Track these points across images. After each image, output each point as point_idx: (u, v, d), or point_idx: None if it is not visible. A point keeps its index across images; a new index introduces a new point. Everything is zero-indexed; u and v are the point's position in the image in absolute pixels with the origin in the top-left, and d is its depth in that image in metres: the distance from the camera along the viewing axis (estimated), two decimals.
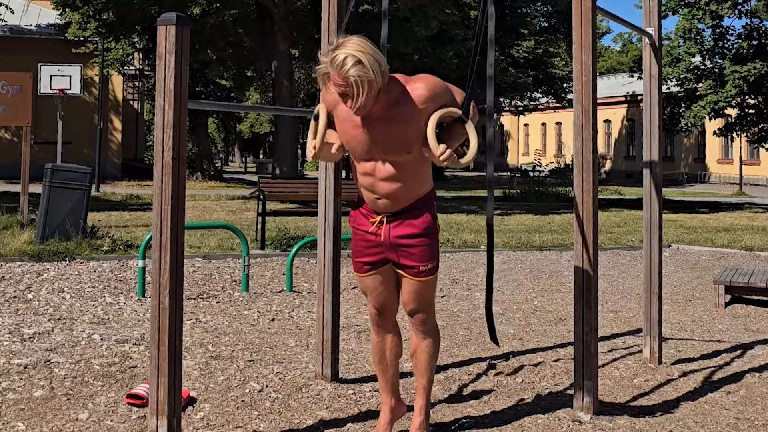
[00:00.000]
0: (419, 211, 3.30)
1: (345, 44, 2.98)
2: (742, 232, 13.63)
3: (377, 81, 2.98)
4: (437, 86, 3.19)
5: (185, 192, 3.29)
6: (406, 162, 3.20)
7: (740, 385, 4.52)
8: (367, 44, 3.00)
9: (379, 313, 3.46)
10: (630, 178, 38.25)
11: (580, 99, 3.94)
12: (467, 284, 7.77)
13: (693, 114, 25.04)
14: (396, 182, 3.22)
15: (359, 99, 2.97)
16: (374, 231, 3.31)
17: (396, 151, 3.17)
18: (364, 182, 3.28)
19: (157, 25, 3.20)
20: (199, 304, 6.43)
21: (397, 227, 3.29)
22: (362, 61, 2.94)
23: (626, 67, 51.82)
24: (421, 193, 3.31)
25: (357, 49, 2.96)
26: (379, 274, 3.39)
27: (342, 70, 2.94)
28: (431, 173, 3.38)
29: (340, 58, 2.95)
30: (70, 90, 14.73)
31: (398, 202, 3.26)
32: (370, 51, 2.98)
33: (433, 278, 3.38)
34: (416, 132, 3.15)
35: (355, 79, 2.94)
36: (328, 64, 2.98)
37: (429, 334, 3.45)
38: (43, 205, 9.12)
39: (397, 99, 3.12)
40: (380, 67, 2.99)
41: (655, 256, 4.92)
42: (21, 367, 4.46)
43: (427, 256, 3.32)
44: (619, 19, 4.67)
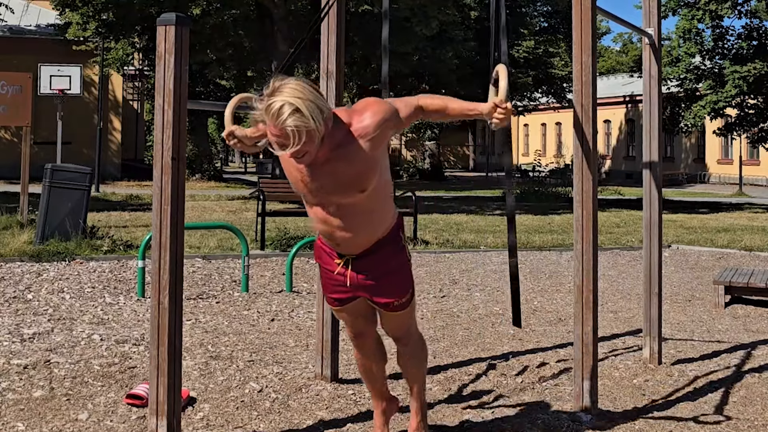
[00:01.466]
0: (385, 249, 3.08)
1: (281, 90, 2.68)
2: (741, 232, 13.63)
3: (319, 129, 2.69)
4: (383, 110, 2.91)
5: (185, 192, 3.29)
6: (361, 202, 2.93)
7: (740, 386, 4.52)
8: (306, 88, 2.70)
9: (357, 336, 3.38)
10: (630, 178, 38.25)
11: (580, 99, 3.93)
12: (467, 284, 7.77)
13: (693, 114, 25.05)
14: (354, 226, 2.98)
15: (299, 150, 2.69)
16: (340, 272, 3.12)
17: (347, 193, 2.91)
18: (319, 228, 3.07)
19: (157, 25, 3.20)
20: (198, 305, 6.43)
21: (363, 270, 3.08)
22: (300, 109, 2.64)
23: (626, 67, 51.84)
24: (384, 229, 3.07)
25: (295, 95, 2.66)
26: (352, 308, 3.25)
27: (278, 121, 2.65)
28: (393, 203, 3.17)
29: (276, 106, 2.65)
30: (70, 90, 14.73)
31: (360, 245, 3.04)
32: (309, 96, 2.68)
33: (409, 307, 3.23)
34: (368, 168, 2.88)
35: (292, 130, 2.64)
36: (263, 112, 2.69)
37: (414, 350, 3.39)
38: (42, 206, 9.12)
39: (343, 138, 2.85)
40: (322, 113, 2.69)
41: (654, 256, 4.92)
42: (21, 368, 4.46)
43: (399, 291, 3.16)
44: (619, 19, 4.67)
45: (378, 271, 3.09)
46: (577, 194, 3.94)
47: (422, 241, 10.85)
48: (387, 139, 2.97)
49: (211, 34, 19.67)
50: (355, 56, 21.56)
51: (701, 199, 25.63)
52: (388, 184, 3.06)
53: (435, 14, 19.45)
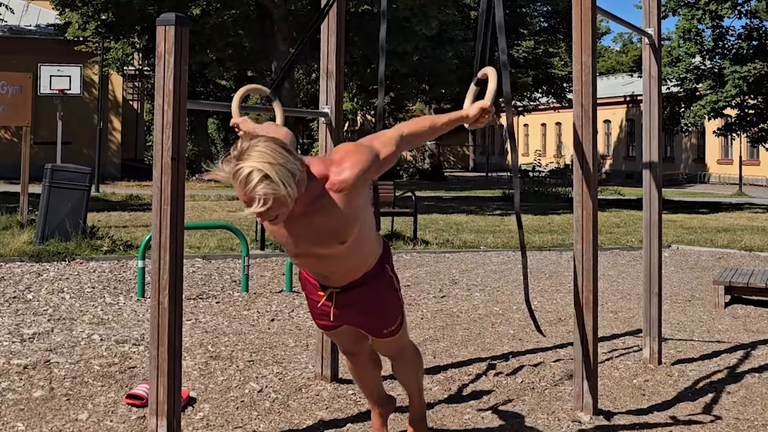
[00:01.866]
0: (371, 282, 2.97)
1: (250, 153, 2.47)
2: (741, 232, 13.63)
3: (290, 194, 2.48)
4: (362, 159, 2.72)
5: (185, 192, 3.29)
6: (342, 251, 2.82)
7: (740, 386, 4.52)
8: (276, 151, 2.48)
9: (348, 353, 3.34)
10: (630, 178, 38.24)
11: (580, 99, 3.93)
12: (467, 284, 7.77)
13: (693, 114, 25.06)
14: (335, 270, 2.90)
15: (269, 216, 2.52)
16: (325, 304, 3.02)
17: (327, 245, 2.79)
18: (302, 267, 3.00)
19: (157, 25, 3.20)
20: (198, 305, 6.43)
21: (347, 304, 2.98)
22: (270, 175, 2.43)
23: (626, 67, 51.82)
24: (369, 266, 2.96)
25: (264, 160, 2.45)
26: (339, 333, 3.21)
27: (246, 188, 2.45)
28: (377, 237, 3.03)
29: (244, 173, 2.44)
30: (70, 90, 14.74)
31: (342, 280, 2.95)
32: (279, 160, 2.47)
33: (400, 332, 3.16)
34: (348, 221, 2.73)
35: (261, 198, 2.44)
36: (229, 176, 2.48)
37: (407, 364, 3.36)
38: (42, 206, 9.12)
39: (320, 191, 2.68)
40: (293, 177, 2.49)
41: (654, 256, 4.92)
42: (21, 368, 4.46)
43: (387, 322, 3.09)
44: (619, 19, 4.67)
45: (363, 305, 3.00)
46: (577, 194, 3.94)
47: (422, 241, 10.85)
48: (367, 187, 2.82)
49: (211, 34, 19.67)
50: (355, 56, 21.56)
51: (701, 199, 25.63)
52: (370, 226, 2.93)
53: (435, 14, 19.45)
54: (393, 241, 10.47)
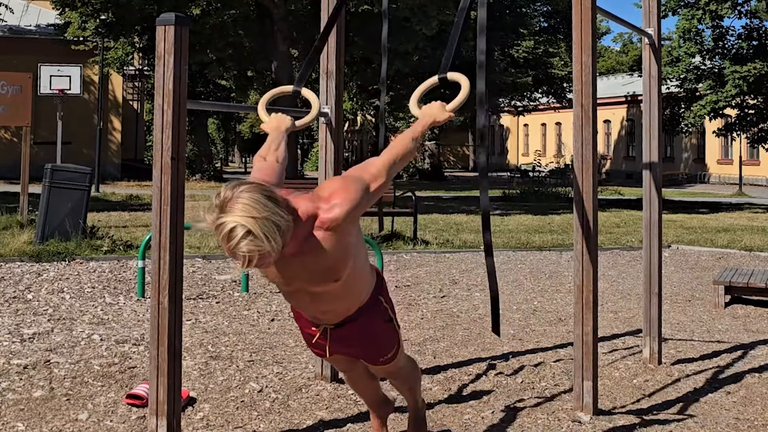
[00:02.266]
0: (364, 317, 2.90)
1: (232, 206, 2.35)
2: (741, 232, 13.63)
3: (275, 248, 2.38)
4: (352, 200, 2.63)
5: (185, 192, 3.29)
6: (336, 289, 2.75)
7: (740, 386, 4.52)
8: (260, 203, 2.36)
9: (343, 371, 3.33)
10: (630, 178, 38.24)
11: (580, 99, 3.93)
12: (467, 284, 7.77)
13: (693, 114, 25.06)
14: (327, 307, 2.83)
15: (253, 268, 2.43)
16: (319, 339, 2.96)
17: (320, 284, 2.72)
18: (296, 307, 2.96)
19: (156, 25, 3.20)
20: (198, 305, 6.43)
21: (342, 339, 2.93)
22: (253, 231, 2.33)
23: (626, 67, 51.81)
24: (363, 300, 2.90)
25: (247, 214, 2.34)
26: (335, 359, 3.17)
27: (229, 245, 2.35)
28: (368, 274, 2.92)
29: (227, 229, 2.34)
30: (70, 90, 14.72)
31: (336, 318, 2.89)
32: (264, 213, 2.35)
33: (397, 357, 3.11)
34: (340, 258, 2.66)
35: (244, 255, 2.35)
36: (213, 228, 2.37)
37: (405, 378, 3.34)
38: (42, 206, 9.12)
39: (310, 231, 2.59)
40: (278, 229, 2.38)
41: (654, 256, 4.92)
42: (21, 368, 4.46)
43: (383, 351, 3.04)
44: (619, 19, 4.67)
45: (358, 338, 2.95)
46: (577, 194, 3.94)
47: (422, 241, 10.84)
48: (358, 221, 2.76)
49: (211, 34, 19.67)
50: (355, 56, 21.56)
51: (701, 199, 25.63)
52: (363, 259, 2.85)
53: (435, 14, 19.45)
54: (393, 241, 10.47)
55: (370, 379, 3.36)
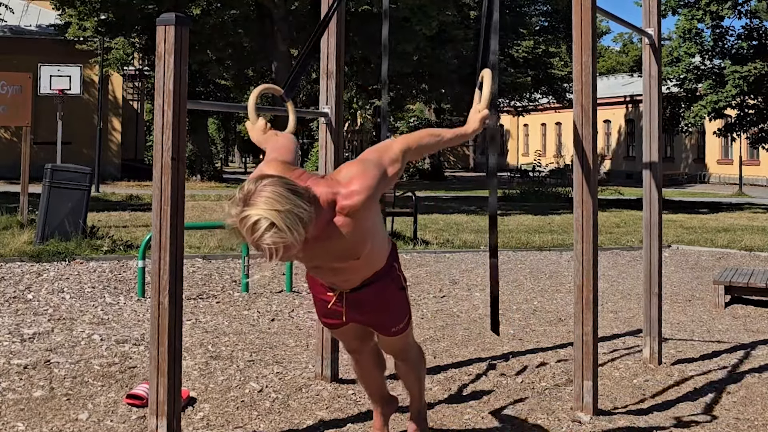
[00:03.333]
0: (380, 282, 3.01)
1: (256, 200, 2.41)
2: (741, 232, 13.63)
3: (298, 239, 2.43)
4: (370, 183, 2.70)
5: (185, 192, 3.29)
6: (357, 263, 2.86)
7: (740, 386, 4.52)
8: (283, 196, 2.42)
9: (353, 351, 3.36)
10: (630, 178, 38.24)
11: (580, 99, 3.93)
12: (467, 284, 7.77)
13: (693, 114, 25.06)
14: (348, 276, 2.94)
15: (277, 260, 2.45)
16: (335, 304, 3.05)
17: (341, 261, 2.83)
18: (317, 277, 3.04)
19: (157, 25, 3.20)
20: (199, 305, 6.43)
21: (358, 303, 3.02)
22: (277, 224, 2.38)
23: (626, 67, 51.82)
24: (378, 266, 2.99)
25: (270, 207, 2.39)
26: (346, 331, 3.22)
27: (253, 237, 2.40)
28: (384, 245, 3.02)
29: (250, 221, 2.39)
30: (70, 90, 14.73)
31: (354, 283, 2.98)
32: (287, 206, 2.41)
33: (407, 330, 3.20)
34: (361, 239, 2.74)
35: (269, 247, 2.40)
36: (236, 222, 2.42)
37: (411, 364, 3.38)
38: (42, 206, 9.12)
39: (330, 217, 2.65)
40: (301, 221, 2.43)
41: (654, 256, 4.92)
42: (21, 367, 4.46)
43: (396, 320, 3.13)
44: (619, 19, 4.67)
45: (373, 304, 3.03)
46: (577, 194, 3.94)
47: (422, 241, 10.85)
48: (377, 203, 2.81)
49: (211, 34, 19.68)
50: (355, 56, 21.57)
51: (701, 199, 25.63)
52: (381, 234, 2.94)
53: (435, 14, 19.45)
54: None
55: (378, 368, 3.40)
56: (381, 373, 3.44)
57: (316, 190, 2.62)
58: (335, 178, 2.72)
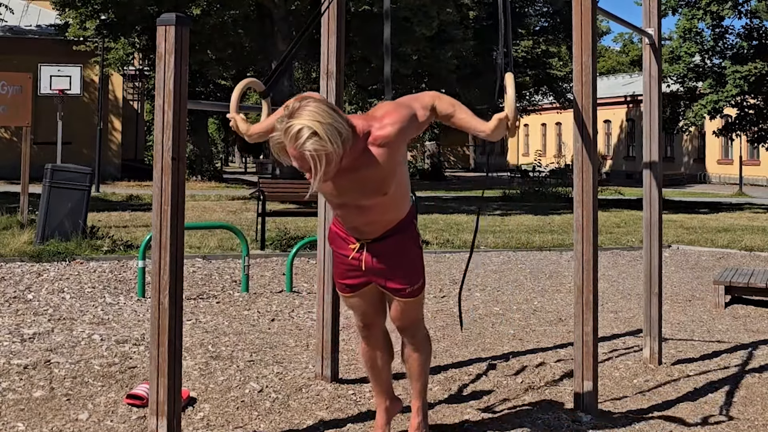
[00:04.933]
0: (400, 234, 3.20)
1: (300, 112, 2.70)
2: (742, 232, 13.63)
3: (337, 152, 2.72)
4: (401, 117, 2.95)
5: (185, 192, 3.29)
6: (383, 201, 3.06)
7: (740, 386, 4.52)
8: (325, 111, 2.72)
9: (366, 327, 3.43)
10: (630, 178, 38.24)
11: (580, 99, 3.94)
12: (467, 284, 7.76)
13: (694, 113, 25.07)
14: (373, 218, 3.11)
15: (317, 172, 2.71)
16: (355, 257, 3.20)
17: (370, 197, 3.02)
18: (340, 217, 3.20)
19: (157, 25, 3.20)
20: (199, 305, 6.43)
21: (378, 253, 3.18)
22: (319, 133, 2.67)
23: (626, 67, 51.82)
24: (400, 217, 3.19)
25: (314, 119, 2.68)
26: (363, 294, 3.32)
27: (296, 144, 2.68)
28: (408, 194, 3.26)
29: (294, 129, 2.68)
30: (70, 90, 14.73)
31: (377, 231, 3.16)
32: (328, 119, 2.70)
33: (420, 296, 3.31)
34: (389, 173, 2.97)
35: (311, 154, 2.68)
36: (282, 133, 2.72)
37: (420, 344, 3.44)
38: (42, 206, 9.12)
39: (364, 147, 2.90)
40: (340, 135, 2.72)
41: (655, 256, 4.92)
42: (21, 367, 4.46)
43: (412, 277, 3.24)
44: (619, 19, 4.67)
45: (392, 256, 3.19)
46: (577, 194, 3.94)
47: (422, 241, 10.84)
48: (406, 143, 3.05)
49: (211, 34, 19.66)
50: (354, 56, 21.56)
51: (701, 199, 25.63)
52: (406, 180, 3.17)
53: (435, 14, 19.44)
54: None
55: (386, 353, 3.46)
56: (389, 361, 3.50)
57: (354, 122, 2.89)
58: (371, 114, 2.99)
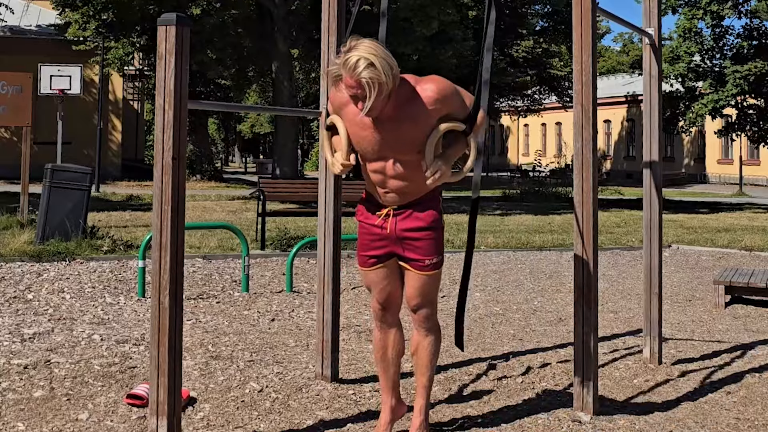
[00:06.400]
0: (426, 205, 3.34)
1: (357, 47, 3.01)
2: (742, 232, 13.63)
3: (388, 84, 3.02)
4: (447, 89, 3.21)
5: (185, 192, 3.29)
6: (416, 160, 3.22)
7: (740, 386, 4.52)
8: (379, 47, 3.04)
9: (383, 308, 3.48)
10: (630, 178, 38.24)
11: (580, 99, 3.93)
12: None
13: (694, 114, 25.07)
14: (405, 179, 3.26)
15: (370, 101, 3.00)
16: (380, 224, 3.35)
17: (406, 151, 3.21)
18: (374, 179, 3.32)
19: (158, 25, 3.20)
20: (199, 305, 6.43)
21: (404, 220, 3.33)
22: (374, 63, 2.98)
23: (626, 67, 51.82)
24: (428, 188, 3.33)
25: (369, 52, 2.99)
26: (385, 267, 3.42)
27: (354, 72, 2.98)
28: None
29: (353, 60, 2.98)
30: (70, 90, 14.73)
31: (407, 196, 3.31)
32: (382, 54, 3.01)
33: (437, 272, 3.40)
34: (426, 131, 3.18)
35: (367, 81, 2.97)
36: (340, 66, 3.02)
37: (431, 331, 3.49)
38: (43, 206, 9.12)
39: (407, 99, 3.15)
40: (392, 70, 3.02)
41: (655, 256, 4.92)
42: (21, 367, 4.46)
43: (433, 249, 3.35)
44: (619, 19, 4.67)
45: (416, 225, 3.32)
46: (577, 194, 3.94)
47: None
48: (443, 114, 3.20)
49: (211, 34, 19.66)
50: None
51: (701, 199, 25.63)
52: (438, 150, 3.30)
53: (435, 14, 19.43)
54: None
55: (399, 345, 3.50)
56: (399, 354, 3.53)
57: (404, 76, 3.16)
58: (420, 78, 3.24)
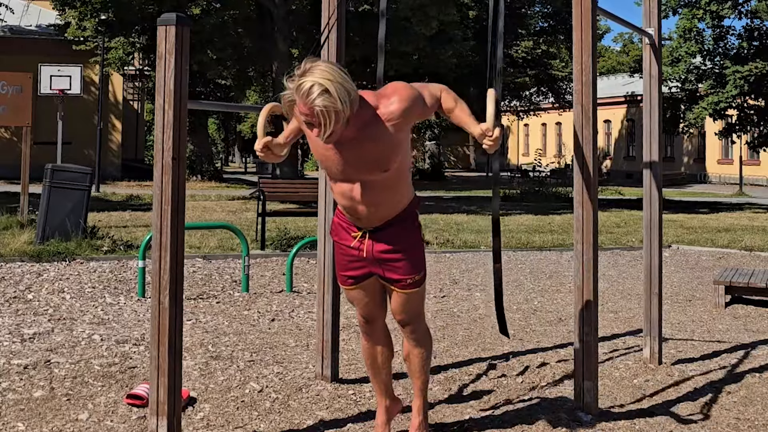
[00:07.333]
0: (402, 224, 3.22)
1: (312, 71, 2.80)
2: (742, 232, 13.63)
3: (345, 111, 2.81)
4: (410, 96, 3.02)
5: (185, 192, 3.29)
6: (384, 180, 3.07)
7: (740, 386, 4.52)
8: (336, 71, 2.82)
9: (367, 321, 3.43)
10: (630, 178, 38.24)
11: (580, 99, 3.93)
12: (467, 284, 7.77)
13: (695, 115, 25.06)
14: (375, 201, 3.11)
15: (326, 129, 2.81)
16: (356, 246, 3.22)
17: (371, 171, 3.04)
18: (342, 202, 3.18)
19: (157, 25, 3.20)
20: (199, 305, 6.43)
21: (380, 242, 3.20)
22: (329, 90, 2.76)
23: (626, 67, 51.79)
24: (402, 206, 3.22)
25: (325, 77, 2.78)
26: (365, 287, 3.33)
27: (308, 100, 2.77)
28: (411, 183, 3.30)
29: (306, 86, 2.77)
30: (70, 90, 14.73)
31: (379, 218, 3.17)
32: (339, 79, 2.79)
33: (421, 288, 3.31)
34: (392, 150, 3.02)
35: (320, 110, 2.77)
36: (293, 91, 2.83)
37: (420, 340, 3.43)
38: (43, 206, 9.12)
39: (370, 119, 2.96)
40: (349, 95, 2.81)
41: (655, 256, 4.92)
42: (21, 367, 4.46)
43: (413, 268, 3.24)
44: (619, 19, 4.67)
45: (394, 246, 3.20)
46: (577, 194, 3.94)
47: (424, 242, 10.83)
48: (411, 124, 3.08)
49: (211, 34, 19.66)
50: (355, 56, 21.54)
51: (701, 199, 25.62)
52: (407, 165, 3.20)
53: (435, 14, 19.42)
54: None
55: (388, 349, 3.47)
56: (389, 358, 3.50)
57: (364, 95, 2.97)
58: (380, 93, 3.06)
